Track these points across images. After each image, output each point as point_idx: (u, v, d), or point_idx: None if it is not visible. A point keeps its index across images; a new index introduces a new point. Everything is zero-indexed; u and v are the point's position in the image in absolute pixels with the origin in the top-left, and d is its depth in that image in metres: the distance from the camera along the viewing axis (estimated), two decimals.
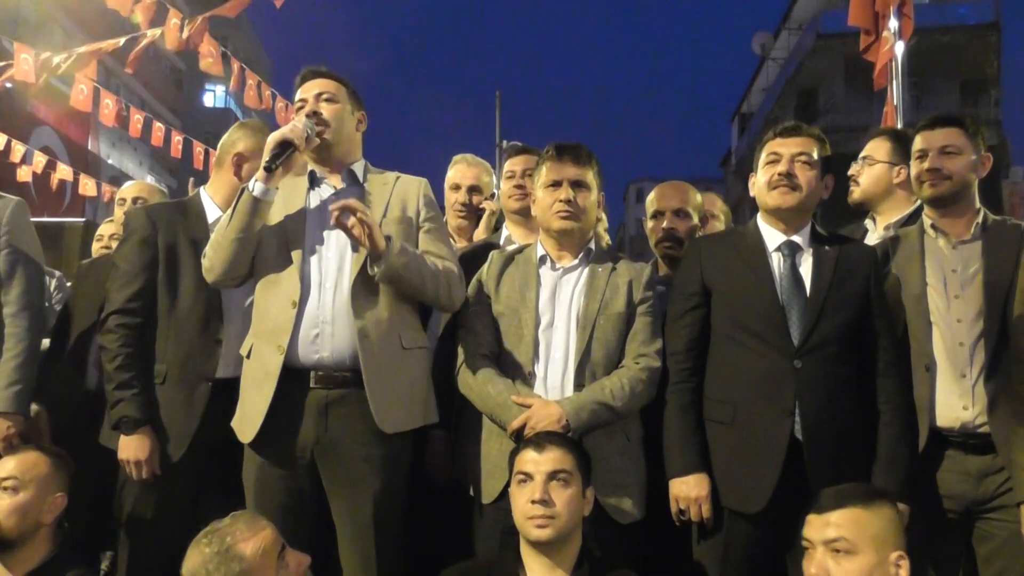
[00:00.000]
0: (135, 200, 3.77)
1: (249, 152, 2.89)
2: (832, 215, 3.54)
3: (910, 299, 2.64)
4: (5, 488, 2.53)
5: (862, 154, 3.32)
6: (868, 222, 3.37)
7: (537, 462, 2.29)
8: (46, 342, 3.22)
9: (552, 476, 2.26)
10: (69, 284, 3.98)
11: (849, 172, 3.30)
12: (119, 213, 3.78)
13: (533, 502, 2.23)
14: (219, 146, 2.99)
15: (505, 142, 18.65)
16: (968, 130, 2.70)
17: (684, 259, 2.78)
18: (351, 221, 2.43)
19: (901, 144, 3.20)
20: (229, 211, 2.58)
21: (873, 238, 3.17)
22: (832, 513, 2.03)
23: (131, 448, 2.64)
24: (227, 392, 2.69)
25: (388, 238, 2.50)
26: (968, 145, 2.68)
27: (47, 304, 3.36)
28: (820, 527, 2.04)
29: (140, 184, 4.13)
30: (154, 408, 2.69)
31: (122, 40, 5.96)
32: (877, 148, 3.29)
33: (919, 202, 3.14)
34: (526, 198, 3.07)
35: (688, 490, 2.49)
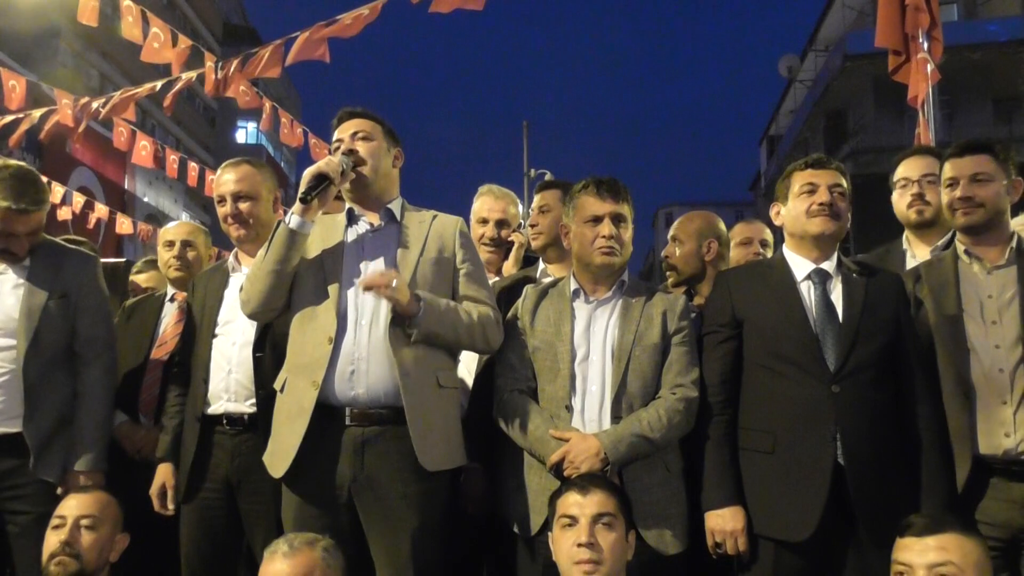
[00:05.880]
0: (184, 244, 3.59)
1: None
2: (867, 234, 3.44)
3: (945, 326, 2.61)
4: (85, 526, 2.63)
5: (926, 171, 3.09)
6: (904, 244, 3.23)
7: (581, 504, 2.26)
8: None
9: (597, 519, 2.25)
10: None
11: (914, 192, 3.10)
12: (166, 255, 3.58)
13: (579, 545, 2.21)
14: None
15: (533, 170, 18.72)
16: (998, 156, 2.67)
17: (713, 292, 2.79)
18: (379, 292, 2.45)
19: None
20: (266, 244, 2.60)
21: (912, 262, 3.07)
22: (934, 537, 2.04)
23: None
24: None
25: (420, 299, 2.50)
26: (999, 171, 2.65)
27: None
28: (922, 551, 2.04)
29: (184, 226, 3.79)
30: None
31: (159, 84, 6.11)
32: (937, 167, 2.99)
33: None
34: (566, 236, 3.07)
35: (724, 523, 2.49)
